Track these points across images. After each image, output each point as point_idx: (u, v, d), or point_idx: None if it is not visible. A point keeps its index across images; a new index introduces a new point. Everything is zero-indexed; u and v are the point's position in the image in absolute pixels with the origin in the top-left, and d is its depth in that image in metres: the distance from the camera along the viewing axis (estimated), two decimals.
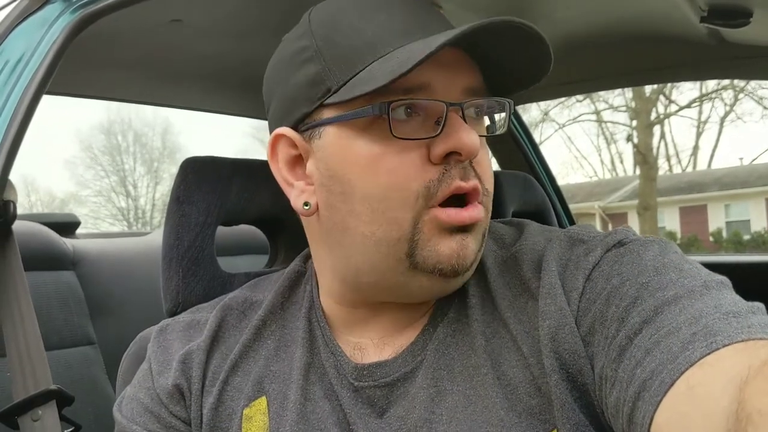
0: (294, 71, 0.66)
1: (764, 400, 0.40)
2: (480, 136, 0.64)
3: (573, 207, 2.10)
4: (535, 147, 1.99)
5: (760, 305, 0.53)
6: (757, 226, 17.51)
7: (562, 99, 13.58)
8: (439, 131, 0.60)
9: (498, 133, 0.69)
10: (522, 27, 0.58)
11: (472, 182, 0.62)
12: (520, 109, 1.95)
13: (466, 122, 0.61)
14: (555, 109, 17.70)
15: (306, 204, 0.67)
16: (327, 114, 0.64)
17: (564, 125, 20.15)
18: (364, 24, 0.63)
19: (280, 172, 0.70)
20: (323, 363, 0.69)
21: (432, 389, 0.64)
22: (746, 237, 17.07)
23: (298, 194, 0.68)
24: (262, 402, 0.69)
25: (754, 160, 22.81)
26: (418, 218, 0.61)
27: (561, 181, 2.05)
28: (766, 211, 17.76)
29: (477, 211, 0.62)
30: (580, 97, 14.47)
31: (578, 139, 42.09)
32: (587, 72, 1.56)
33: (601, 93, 16.32)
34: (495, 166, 2.06)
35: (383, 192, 0.61)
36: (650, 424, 0.48)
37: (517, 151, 1.94)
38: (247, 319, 0.75)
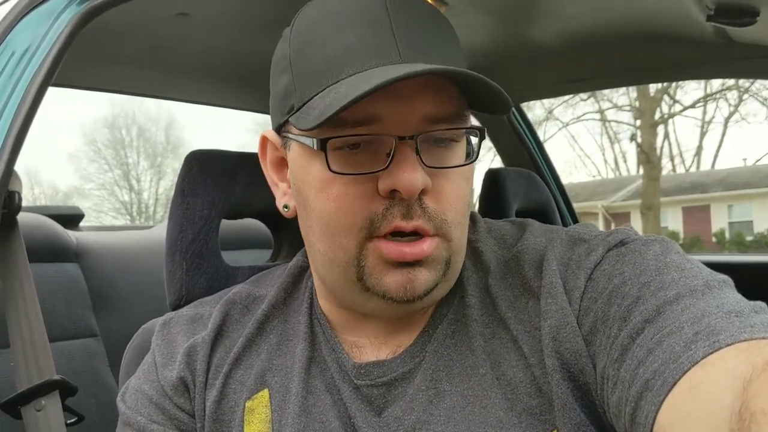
0: (276, 78, 0.67)
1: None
2: (441, 168, 0.61)
3: (576, 206, 2.10)
4: (539, 145, 1.99)
5: (763, 305, 0.53)
6: (760, 227, 17.46)
7: (567, 97, 13.56)
8: (387, 165, 0.59)
9: (468, 163, 0.65)
10: (441, 74, 0.56)
11: (414, 223, 0.60)
12: (524, 106, 1.95)
13: (419, 155, 0.59)
14: (559, 108, 17.65)
15: (285, 207, 0.71)
16: (292, 130, 0.65)
17: (568, 124, 20.15)
18: (332, 40, 0.61)
19: (268, 171, 0.73)
20: (325, 357, 0.70)
21: (430, 390, 0.64)
22: (749, 238, 17.03)
23: (280, 196, 0.72)
24: (264, 395, 0.69)
25: (758, 160, 22.74)
26: (362, 246, 0.61)
27: (564, 180, 2.05)
28: None
29: (424, 247, 0.60)
30: (584, 96, 14.46)
31: (582, 138, 41.94)
32: (592, 70, 1.56)
33: (606, 92, 16.29)
34: (499, 163, 2.06)
35: (330, 217, 0.62)
36: (653, 424, 0.48)
37: (522, 148, 1.94)
38: (250, 314, 0.75)
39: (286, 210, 0.70)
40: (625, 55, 1.43)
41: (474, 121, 0.67)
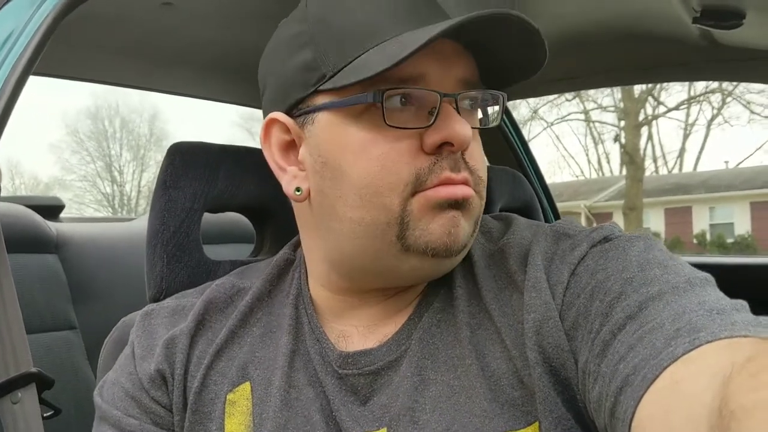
0: (289, 56, 0.66)
1: (748, 396, 0.39)
2: (472, 128, 0.63)
3: (559, 206, 2.11)
4: (524, 144, 1.99)
5: (744, 303, 0.54)
6: (741, 229, 17.64)
7: (552, 97, 13.63)
8: (432, 121, 0.61)
9: (491, 125, 0.70)
10: (520, 20, 0.57)
11: (463, 174, 0.62)
12: (510, 105, 1.95)
13: (459, 113, 0.61)
14: (544, 108, 17.75)
15: (298, 189, 0.67)
16: (321, 100, 0.64)
17: (552, 124, 20.25)
18: (357, 5, 0.62)
19: (273, 157, 0.70)
20: (308, 350, 0.69)
21: (416, 378, 0.64)
22: (730, 240, 17.21)
23: (290, 180, 0.69)
24: (246, 387, 0.69)
25: (739, 163, 23.00)
26: (406, 202, 0.61)
27: (548, 180, 2.05)
28: (750, 215, 17.90)
29: (469, 190, 0.63)
30: (569, 96, 14.54)
31: (566, 138, 42.25)
32: (578, 70, 1.57)
33: (591, 92, 16.41)
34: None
35: (373, 178, 0.61)
36: (632, 419, 0.48)
37: (507, 147, 1.95)
38: (233, 305, 0.75)
39: (298, 194, 0.67)
40: (612, 56, 1.44)
41: None
